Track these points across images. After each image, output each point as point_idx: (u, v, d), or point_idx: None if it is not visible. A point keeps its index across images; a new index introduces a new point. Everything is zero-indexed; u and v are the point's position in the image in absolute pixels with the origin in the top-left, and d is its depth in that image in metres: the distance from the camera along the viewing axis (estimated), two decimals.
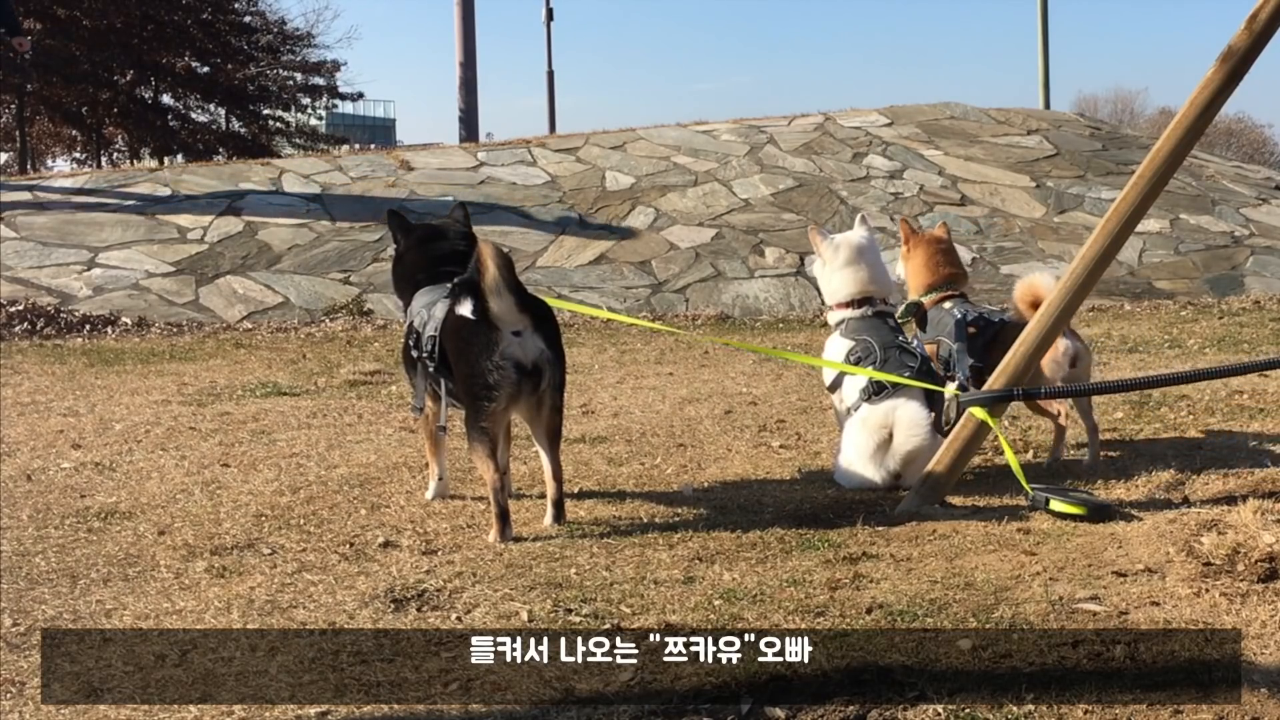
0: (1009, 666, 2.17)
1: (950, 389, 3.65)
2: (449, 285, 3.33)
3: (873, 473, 3.49)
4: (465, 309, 3.06)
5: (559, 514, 3.20)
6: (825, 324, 4.21)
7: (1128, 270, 9.89)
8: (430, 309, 3.37)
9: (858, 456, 3.52)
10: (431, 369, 3.30)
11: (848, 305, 3.77)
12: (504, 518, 3.06)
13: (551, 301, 3.36)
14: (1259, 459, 3.73)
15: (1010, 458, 3.28)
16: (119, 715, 2.09)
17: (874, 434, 3.48)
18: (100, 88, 21.43)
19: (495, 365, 3.04)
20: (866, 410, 3.53)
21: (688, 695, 2.08)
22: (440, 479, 3.54)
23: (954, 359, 3.75)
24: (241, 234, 9.67)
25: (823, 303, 4.02)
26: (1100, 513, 3.11)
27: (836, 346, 3.75)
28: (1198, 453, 3.86)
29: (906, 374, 3.51)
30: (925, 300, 3.97)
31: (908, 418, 3.44)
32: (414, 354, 3.40)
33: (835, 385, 3.74)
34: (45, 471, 3.98)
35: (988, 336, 3.75)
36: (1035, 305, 3.48)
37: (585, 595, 2.62)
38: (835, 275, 3.80)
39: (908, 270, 4.09)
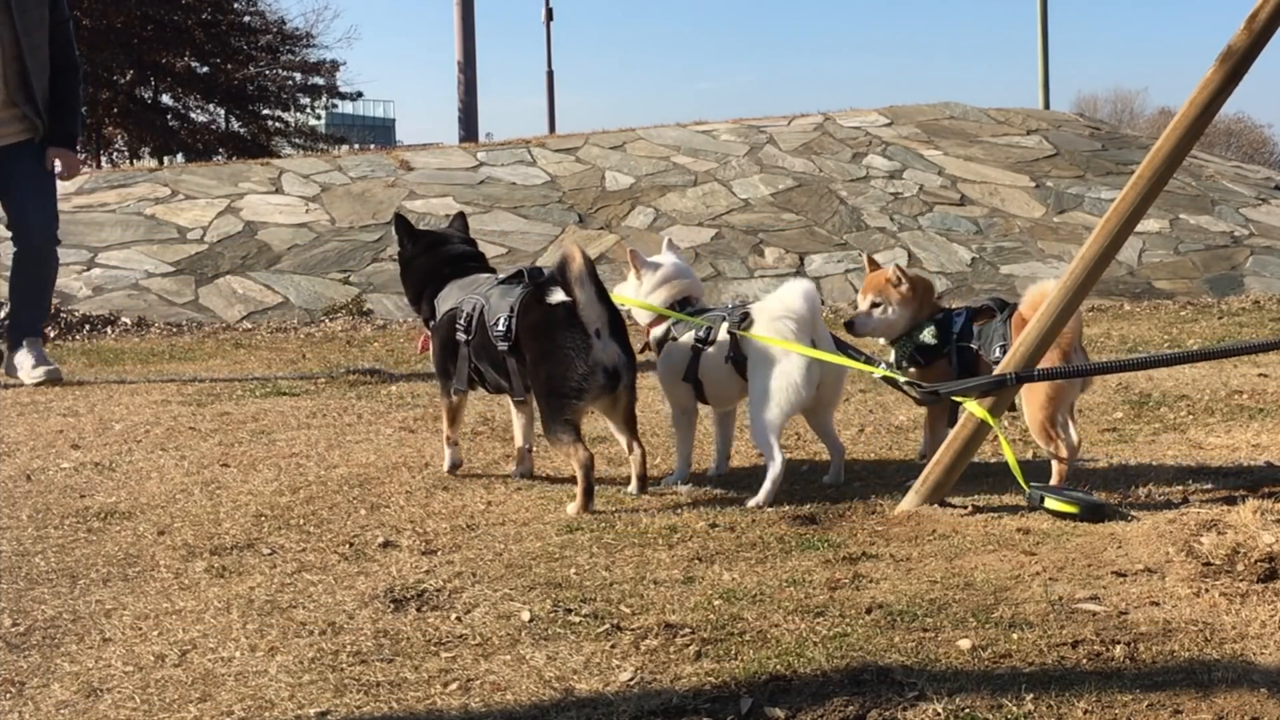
0: (1009, 666, 2.17)
1: (880, 369, 3.59)
2: (495, 276, 3.72)
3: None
4: (556, 296, 3.33)
5: (642, 486, 3.56)
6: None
7: (1127, 270, 9.90)
8: (488, 296, 3.58)
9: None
10: (505, 348, 3.49)
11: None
12: (589, 494, 3.35)
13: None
14: (1259, 459, 3.73)
15: (1009, 455, 3.28)
16: (119, 715, 2.09)
17: None
18: (100, 87, 21.44)
19: (587, 371, 3.34)
20: None
21: (688, 695, 2.08)
22: (455, 445, 3.84)
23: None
24: (241, 234, 9.68)
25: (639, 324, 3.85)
26: (1095, 512, 3.11)
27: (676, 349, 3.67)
28: (1198, 452, 3.86)
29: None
30: None
31: None
32: (461, 336, 3.62)
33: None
34: (45, 471, 3.98)
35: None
36: None
37: (585, 595, 2.62)
38: (653, 296, 3.73)
39: None
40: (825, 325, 3.51)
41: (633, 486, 3.55)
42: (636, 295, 3.77)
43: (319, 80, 24.97)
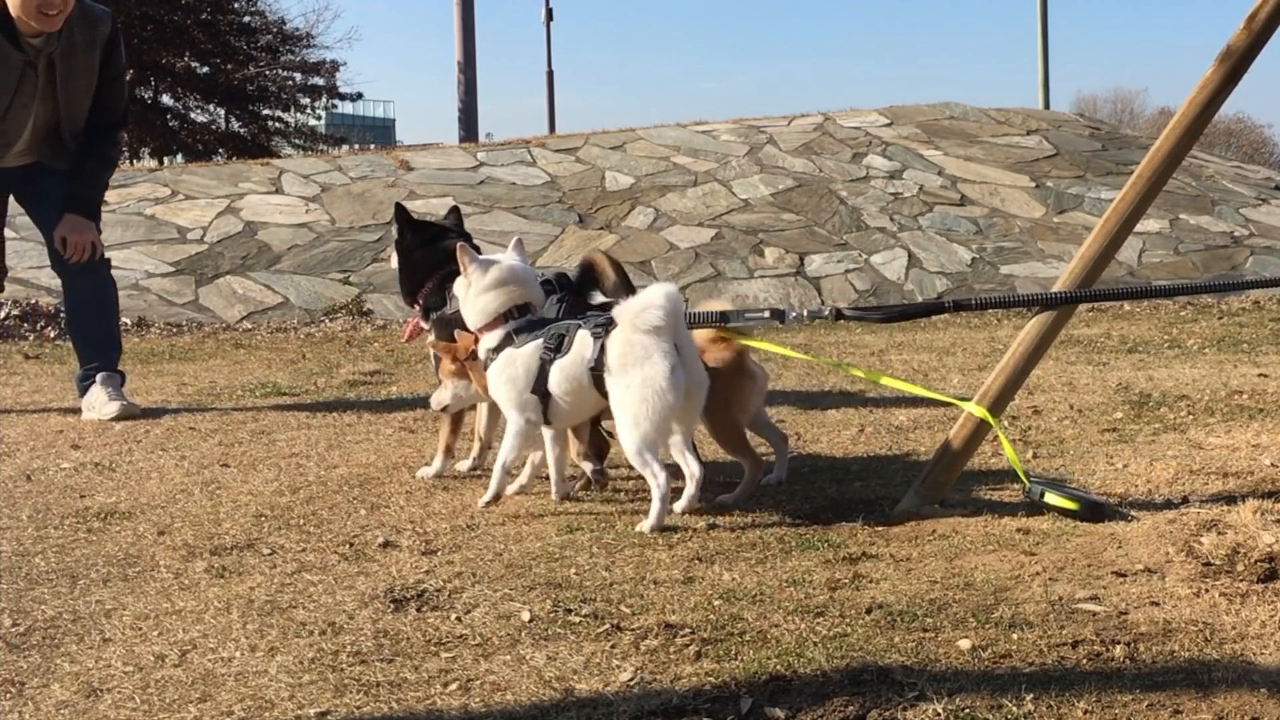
0: (1009, 666, 2.17)
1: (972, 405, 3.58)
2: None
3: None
4: (597, 300, 3.42)
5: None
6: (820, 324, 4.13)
7: (1127, 270, 9.90)
8: None
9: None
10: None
11: (503, 320, 3.35)
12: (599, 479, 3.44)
13: None
14: (1259, 459, 3.73)
15: (1009, 452, 3.28)
16: (119, 715, 2.09)
17: None
18: None
19: None
20: None
21: (688, 695, 2.08)
22: (450, 454, 3.80)
23: None
24: (241, 234, 9.68)
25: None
26: (1094, 510, 3.11)
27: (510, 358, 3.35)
28: (1198, 453, 3.86)
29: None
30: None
31: None
32: None
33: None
34: (45, 471, 3.98)
35: None
36: None
37: (585, 595, 2.62)
38: (482, 297, 3.38)
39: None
40: (688, 328, 3.25)
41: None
42: (466, 297, 3.42)
43: (319, 80, 24.98)
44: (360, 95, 26.86)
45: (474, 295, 3.39)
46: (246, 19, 24.11)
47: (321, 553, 3.00)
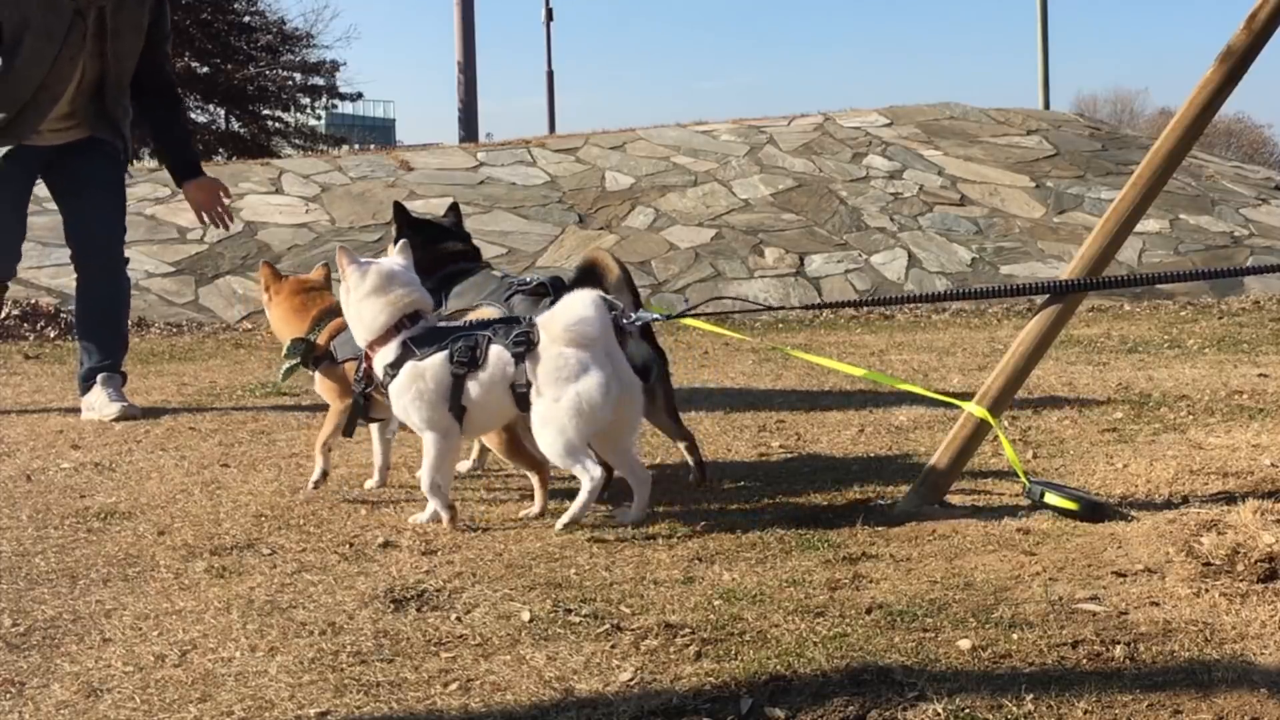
0: (1009, 666, 2.17)
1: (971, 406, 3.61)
2: (506, 276, 3.75)
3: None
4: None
5: (702, 473, 3.63)
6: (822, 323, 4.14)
7: (1127, 270, 9.90)
8: (510, 305, 3.56)
9: None
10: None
11: (395, 331, 3.15)
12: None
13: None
14: (1259, 459, 3.73)
15: (1009, 452, 3.28)
16: (119, 715, 2.09)
17: None
18: None
19: None
20: None
21: (688, 695, 2.08)
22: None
23: None
24: (241, 234, 9.68)
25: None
26: (1094, 511, 3.11)
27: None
28: (1198, 453, 3.86)
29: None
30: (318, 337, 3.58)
31: None
32: None
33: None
34: (45, 471, 3.98)
35: None
36: None
37: (585, 595, 2.62)
38: (364, 305, 3.18)
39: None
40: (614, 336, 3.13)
41: (694, 475, 3.62)
42: (347, 306, 3.22)
43: (319, 80, 24.97)
44: (360, 95, 26.85)
45: (355, 303, 3.17)
46: (246, 19, 24.10)
47: (321, 553, 3.00)
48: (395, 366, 3.10)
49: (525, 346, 3.02)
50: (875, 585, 2.65)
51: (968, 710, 1.99)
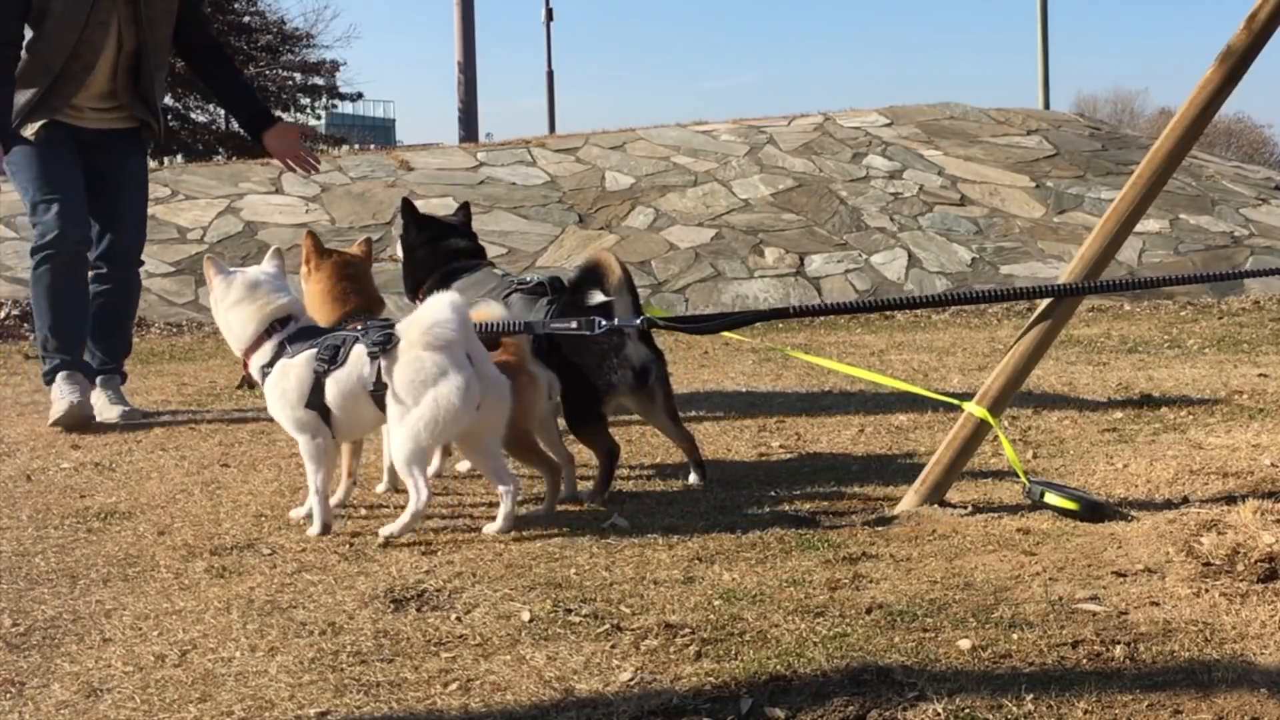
0: (1009, 666, 2.17)
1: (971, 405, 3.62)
2: (507, 275, 3.79)
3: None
4: (596, 299, 3.46)
5: (702, 473, 3.65)
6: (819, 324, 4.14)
7: (1127, 270, 9.89)
8: (509, 304, 3.62)
9: None
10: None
11: (268, 334, 3.18)
12: (607, 482, 3.47)
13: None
14: (1259, 459, 3.73)
15: (1009, 452, 3.28)
16: (119, 715, 2.09)
17: None
18: None
19: (617, 366, 3.47)
20: None
21: (688, 695, 2.08)
22: (445, 456, 3.78)
23: None
24: (241, 234, 9.68)
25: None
26: (1094, 511, 3.11)
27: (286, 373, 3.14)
28: (1198, 453, 3.86)
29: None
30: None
31: None
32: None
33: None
34: (45, 471, 3.98)
35: None
36: None
37: (585, 595, 2.62)
38: (231, 313, 3.21)
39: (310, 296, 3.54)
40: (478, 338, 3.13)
41: (692, 476, 3.63)
42: (216, 314, 3.25)
43: (319, 80, 24.95)
44: (360, 95, 26.82)
45: (223, 312, 3.22)
46: (246, 19, 24.08)
47: (321, 553, 3.00)
48: (269, 366, 3.15)
49: (383, 348, 3.02)
50: (875, 585, 2.65)
51: (968, 710, 1.99)
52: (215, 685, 2.19)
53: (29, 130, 4.61)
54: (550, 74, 27.64)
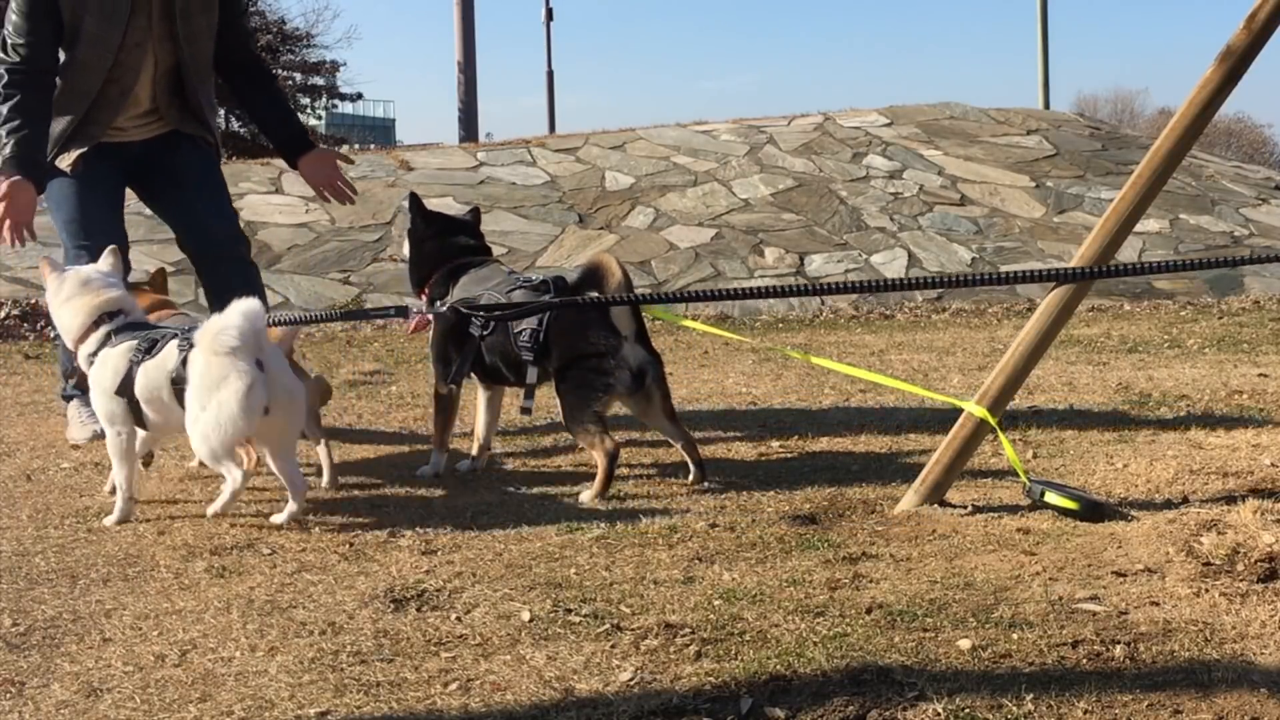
0: (1009, 666, 2.17)
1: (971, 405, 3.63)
2: (513, 272, 3.83)
3: None
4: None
5: (702, 473, 3.66)
6: (822, 323, 4.15)
7: None
8: (510, 298, 3.63)
9: None
10: (530, 359, 3.59)
11: (95, 326, 3.35)
12: (607, 483, 3.49)
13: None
14: (1259, 459, 3.73)
15: (1009, 452, 3.28)
16: (119, 715, 2.09)
17: None
18: None
19: (614, 367, 3.50)
20: None
21: (688, 695, 2.08)
22: (445, 454, 3.81)
23: None
24: None
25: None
26: (1094, 510, 3.11)
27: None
28: (1198, 453, 3.86)
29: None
30: None
31: None
32: (474, 331, 3.65)
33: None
34: (45, 471, 3.98)
35: None
36: None
37: (585, 595, 2.62)
38: (63, 310, 3.40)
39: None
40: (273, 344, 3.19)
41: (693, 475, 3.64)
42: (51, 309, 3.45)
43: (319, 80, 24.93)
44: (360, 95, 26.80)
45: (56, 307, 3.40)
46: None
47: (321, 553, 3.00)
48: (94, 355, 3.33)
49: (189, 348, 3.12)
50: (875, 585, 2.65)
51: (968, 710, 1.99)
52: (215, 685, 2.19)
53: (66, 161, 4.29)
54: (550, 74, 27.64)
